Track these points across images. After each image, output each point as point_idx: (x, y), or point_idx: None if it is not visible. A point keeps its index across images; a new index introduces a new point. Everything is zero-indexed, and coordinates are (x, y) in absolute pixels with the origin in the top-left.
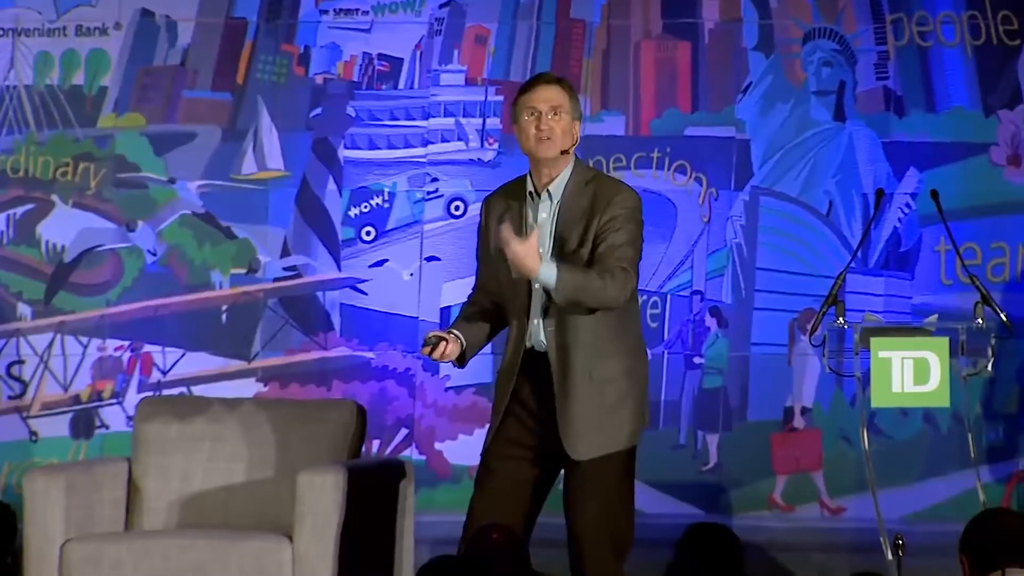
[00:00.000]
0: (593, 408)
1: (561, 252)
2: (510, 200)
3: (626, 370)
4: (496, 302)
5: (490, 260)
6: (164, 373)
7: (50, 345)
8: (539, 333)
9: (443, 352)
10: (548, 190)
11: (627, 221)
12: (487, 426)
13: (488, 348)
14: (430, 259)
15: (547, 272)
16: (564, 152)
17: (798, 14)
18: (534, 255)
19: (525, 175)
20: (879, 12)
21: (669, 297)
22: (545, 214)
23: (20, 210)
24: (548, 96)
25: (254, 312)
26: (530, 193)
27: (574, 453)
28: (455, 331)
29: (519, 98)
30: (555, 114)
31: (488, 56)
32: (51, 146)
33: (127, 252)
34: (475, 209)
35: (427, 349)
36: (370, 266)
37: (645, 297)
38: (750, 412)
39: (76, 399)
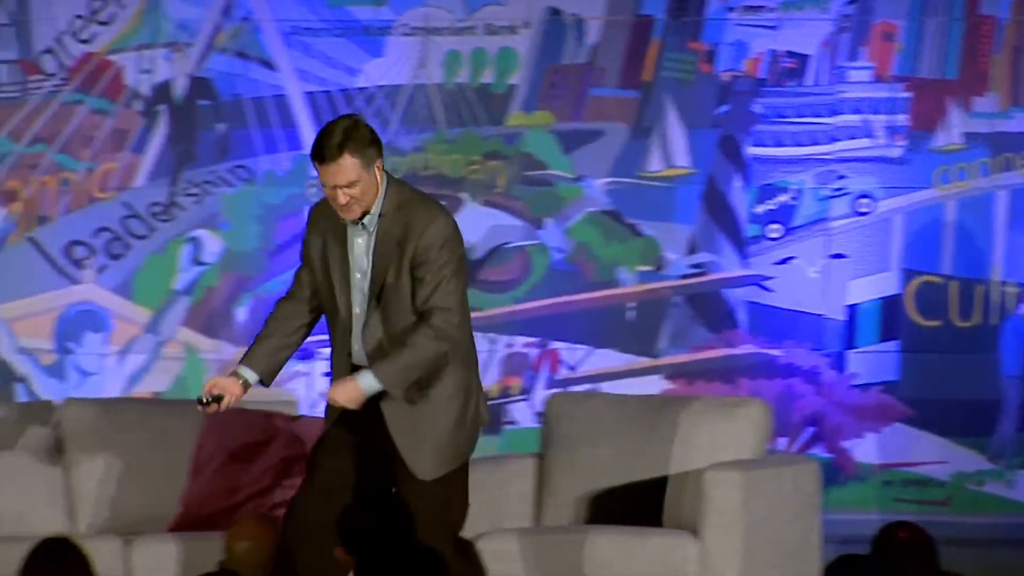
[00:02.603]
0: (438, 424)
1: (380, 286)
2: (336, 220)
3: (460, 384)
4: (316, 297)
5: (312, 269)
6: (572, 369)
7: None
8: (362, 357)
9: (217, 409)
10: (363, 223)
11: (441, 252)
12: (894, 424)
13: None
14: (836, 256)
15: (367, 383)
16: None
17: None
18: (349, 388)
19: None
20: None
21: None
22: (361, 240)
23: None
24: (333, 174)
25: (660, 309)
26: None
27: (418, 471)
28: (243, 371)
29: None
30: (348, 186)
31: (896, 52)
32: (460, 144)
33: (535, 249)
34: (884, 207)
35: (204, 407)
36: (775, 263)
37: None
38: None
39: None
